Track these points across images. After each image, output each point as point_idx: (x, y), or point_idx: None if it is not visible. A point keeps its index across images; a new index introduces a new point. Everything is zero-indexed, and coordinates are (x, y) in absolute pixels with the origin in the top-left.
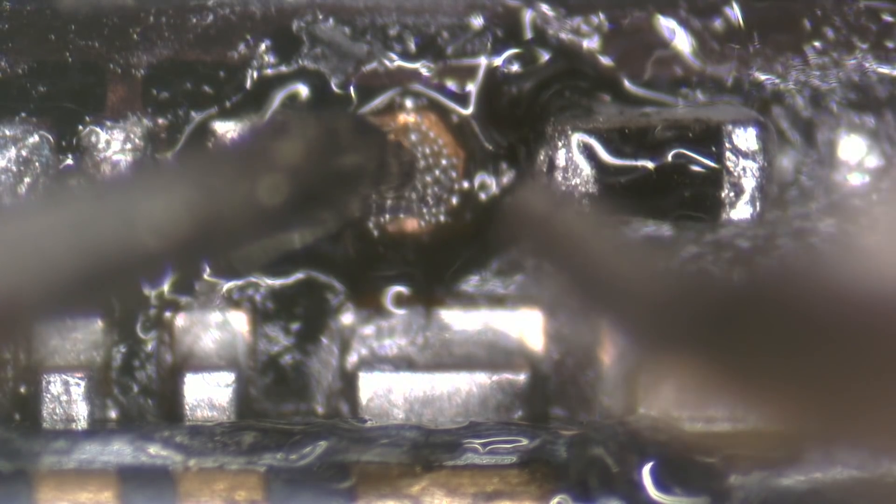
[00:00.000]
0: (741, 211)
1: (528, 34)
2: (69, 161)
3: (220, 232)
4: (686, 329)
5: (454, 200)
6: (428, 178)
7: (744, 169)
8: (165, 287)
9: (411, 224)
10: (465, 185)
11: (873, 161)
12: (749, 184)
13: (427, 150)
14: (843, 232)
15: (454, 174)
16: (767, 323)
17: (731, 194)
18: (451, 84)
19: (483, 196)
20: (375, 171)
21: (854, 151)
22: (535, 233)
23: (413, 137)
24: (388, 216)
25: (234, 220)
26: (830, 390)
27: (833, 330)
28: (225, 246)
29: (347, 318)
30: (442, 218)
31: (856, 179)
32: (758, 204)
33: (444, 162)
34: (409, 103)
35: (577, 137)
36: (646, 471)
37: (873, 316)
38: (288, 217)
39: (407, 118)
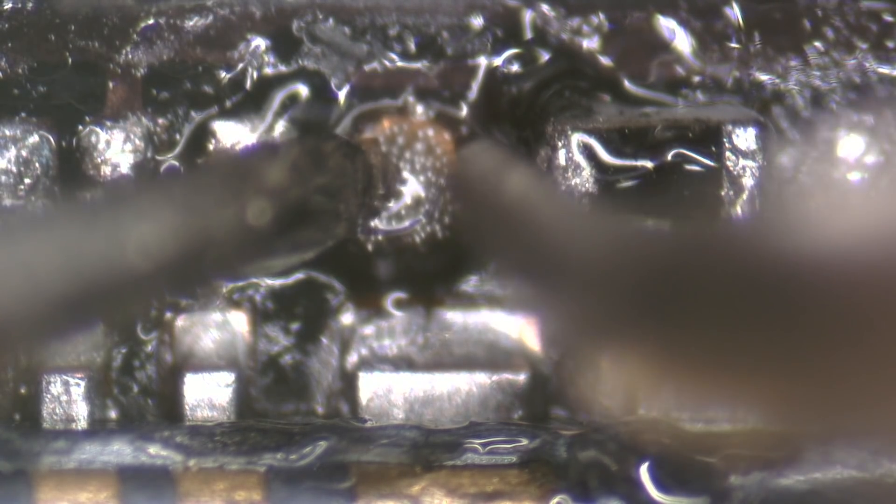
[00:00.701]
0: (741, 210)
1: (528, 34)
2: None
3: (209, 254)
4: (637, 308)
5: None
6: (425, 181)
7: (743, 168)
8: None
9: (410, 229)
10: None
11: (872, 159)
12: (748, 183)
13: (425, 150)
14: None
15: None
16: (739, 301)
17: (731, 194)
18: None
19: None
20: (361, 191)
21: (853, 150)
22: (477, 198)
23: (408, 138)
24: (385, 224)
25: (223, 242)
26: (812, 380)
27: (813, 306)
28: (213, 268)
29: (347, 318)
30: (441, 222)
31: (855, 177)
32: (757, 203)
33: (441, 164)
34: (407, 105)
35: (577, 137)
36: (645, 471)
37: (851, 288)
38: (275, 238)
39: (400, 122)
